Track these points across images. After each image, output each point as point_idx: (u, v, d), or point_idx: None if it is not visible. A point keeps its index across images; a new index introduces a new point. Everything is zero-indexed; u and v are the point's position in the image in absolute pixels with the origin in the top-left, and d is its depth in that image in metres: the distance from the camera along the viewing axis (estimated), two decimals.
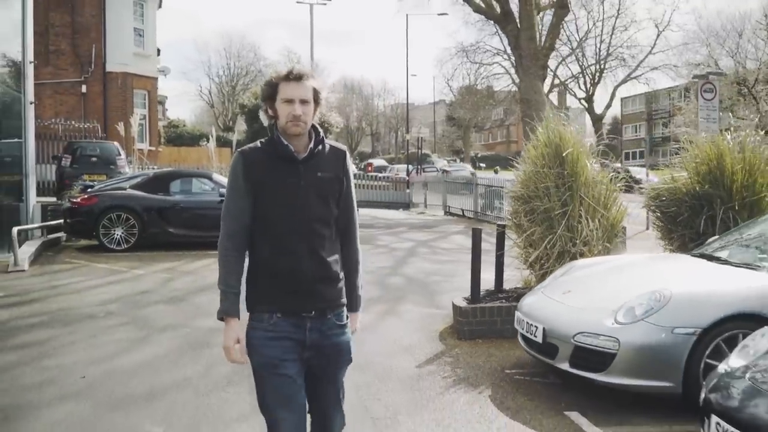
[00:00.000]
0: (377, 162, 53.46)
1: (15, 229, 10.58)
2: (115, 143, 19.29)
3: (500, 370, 5.53)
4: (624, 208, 7.17)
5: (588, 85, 48.09)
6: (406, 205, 26.32)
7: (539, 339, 4.99)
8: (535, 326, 5.06)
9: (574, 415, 4.52)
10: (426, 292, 8.77)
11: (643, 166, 26.58)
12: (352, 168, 2.91)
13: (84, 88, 26.05)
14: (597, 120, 47.31)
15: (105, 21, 26.37)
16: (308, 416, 2.74)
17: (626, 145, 66.96)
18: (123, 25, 26.66)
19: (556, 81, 46.99)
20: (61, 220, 12.69)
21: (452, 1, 25.68)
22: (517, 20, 25.20)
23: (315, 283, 2.67)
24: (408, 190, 28.02)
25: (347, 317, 2.79)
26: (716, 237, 6.14)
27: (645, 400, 4.54)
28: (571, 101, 49.03)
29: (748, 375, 3.38)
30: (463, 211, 20.68)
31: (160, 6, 29.55)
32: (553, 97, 56.38)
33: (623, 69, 47.08)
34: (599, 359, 4.57)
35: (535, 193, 6.98)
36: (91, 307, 7.72)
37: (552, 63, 46.92)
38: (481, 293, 6.91)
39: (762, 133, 8.07)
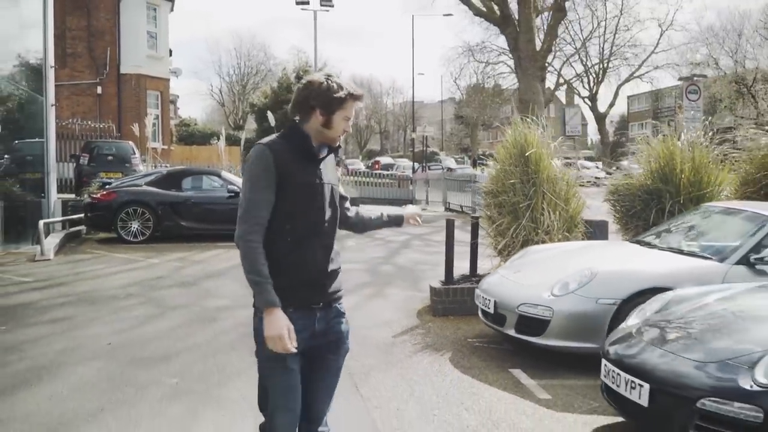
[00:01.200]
0: (384, 160, 54.32)
1: (41, 222, 11.60)
2: (130, 143, 20.32)
3: (463, 339, 6.46)
4: (582, 201, 8.07)
5: (591, 84, 48.82)
6: (410, 202, 27.22)
7: (491, 310, 5.93)
8: (489, 300, 5.99)
9: (516, 372, 5.45)
10: (412, 278, 9.69)
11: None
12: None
13: (99, 90, 27.15)
14: (600, 118, 48.05)
15: (119, 25, 27.45)
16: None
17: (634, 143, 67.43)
18: (136, 29, 27.72)
19: (561, 80, 47.85)
20: (82, 215, 13.70)
21: (456, 1, 26.48)
22: (516, 23, 25.99)
23: (325, 277, 2.82)
24: (411, 188, 28.92)
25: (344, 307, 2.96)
26: (659, 227, 7.04)
27: (574, 359, 5.45)
28: (575, 99, 49.85)
29: (634, 330, 4.29)
30: (461, 207, 21.58)
31: (172, 9, 30.59)
32: (561, 96, 57.31)
33: (627, 68, 47.79)
34: (538, 325, 5.49)
35: (503, 189, 7.91)
36: (112, 290, 8.72)
37: (557, 63, 47.83)
38: (457, 277, 7.84)
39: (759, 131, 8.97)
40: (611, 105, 48.73)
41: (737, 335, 3.82)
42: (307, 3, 23.94)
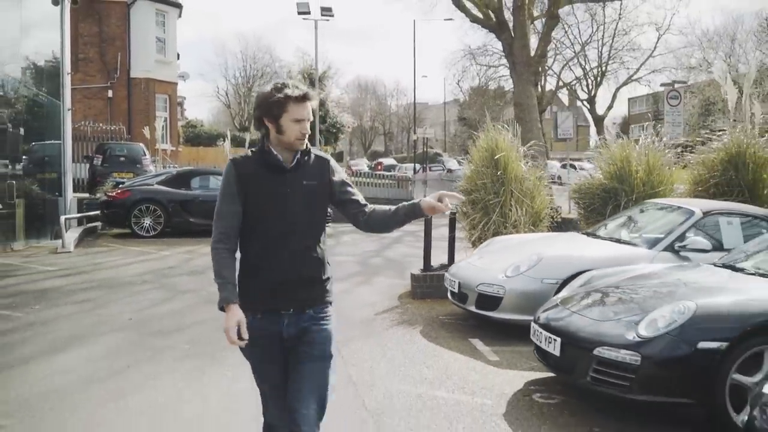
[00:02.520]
0: (387, 161, 55.32)
1: (63, 218, 12.66)
2: (141, 144, 21.38)
3: (435, 317, 7.47)
4: (547, 198, 9.07)
5: (590, 87, 49.74)
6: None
7: (456, 290, 6.94)
8: (455, 281, 7.00)
9: (475, 341, 6.46)
10: (399, 268, 10.69)
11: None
12: (342, 172, 3.07)
13: (110, 93, 28.23)
14: (599, 120, 48.97)
15: (129, 31, 28.52)
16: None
17: None
18: (146, 35, 28.78)
19: (560, 83, 48.84)
20: (98, 212, 14.76)
21: (455, 7, 27.50)
22: (511, 29, 26.94)
23: (297, 285, 2.87)
24: (411, 188, 29.92)
25: (331, 313, 2.98)
26: (608, 220, 8.04)
27: (525, 330, 6.42)
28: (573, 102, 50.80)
29: (559, 300, 5.30)
30: (456, 205, 22.58)
31: (180, 15, 31.65)
32: (564, 98, 58.21)
33: (625, 71, 48.69)
34: (493, 302, 6.50)
35: (475, 187, 8.92)
36: (129, 277, 9.75)
37: (556, 66, 48.81)
38: (436, 266, 8.83)
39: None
40: (609, 107, 49.71)
41: (632, 303, 4.82)
42: (309, 13, 24.94)
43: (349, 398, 4.89)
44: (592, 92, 49.52)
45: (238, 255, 2.93)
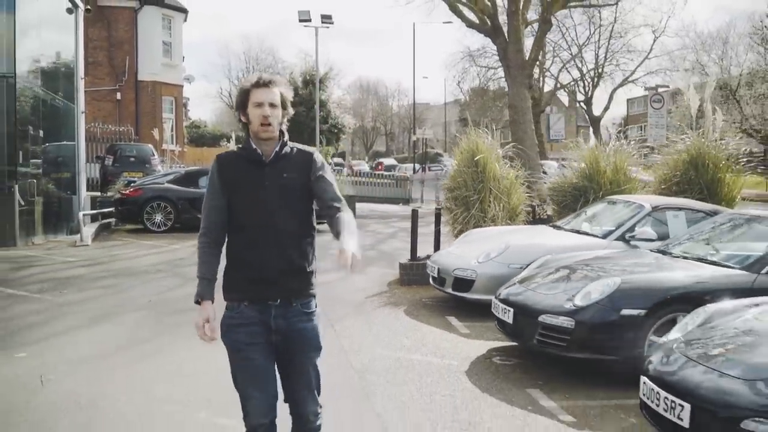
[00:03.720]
0: (387, 161, 56.27)
1: (81, 214, 13.67)
2: (150, 145, 22.39)
3: (419, 300, 8.43)
4: (523, 195, 10.02)
5: (587, 89, 50.67)
6: (406, 200, 29.17)
7: (436, 275, 7.90)
8: (434, 267, 7.97)
9: (451, 318, 7.42)
10: (390, 260, 11.61)
11: None
12: (327, 165, 3.10)
13: (119, 95, 29.25)
14: (595, 121, 49.88)
15: (137, 35, 29.52)
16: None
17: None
18: (153, 39, 29.79)
19: (558, 85, 49.79)
20: (111, 209, 15.76)
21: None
22: (506, 34, 27.87)
23: (279, 275, 2.94)
24: (409, 187, 30.89)
25: (316, 306, 3.08)
26: (574, 214, 9.00)
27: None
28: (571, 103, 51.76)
29: (518, 280, 6.25)
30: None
31: (185, 20, 32.64)
32: (564, 99, 59.15)
33: (621, 73, 49.60)
34: (467, 284, 7.46)
35: (457, 185, 9.88)
36: (144, 267, 10.74)
37: (554, 68, 49.77)
38: (423, 256, 9.78)
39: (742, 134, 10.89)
40: (606, 108, 50.55)
41: (574, 281, 5.76)
42: (309, 20, 25.92)
43: (339, 362, 5.83)
44: (589, 93, 50.46)
45: (224, 247, 3.05)
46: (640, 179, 10.35)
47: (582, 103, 51.23)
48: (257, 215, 2.95)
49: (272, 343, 2.97)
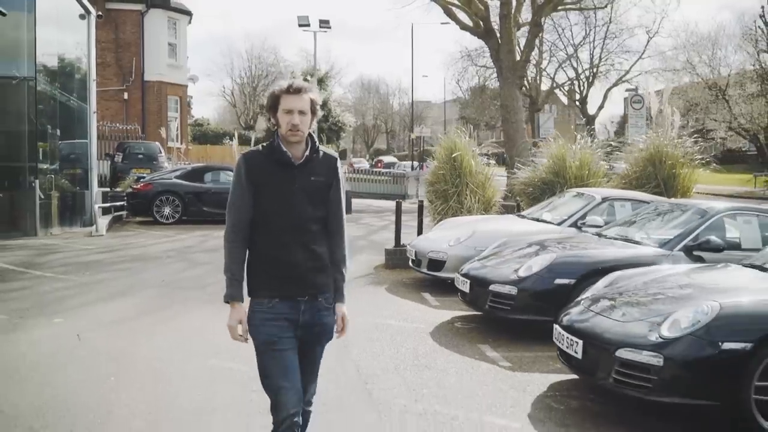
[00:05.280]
0: (387, 159, 57.38)
1: (96, 206, 14.82)
2: (157, 143, 23.55)
3: (399, 280, 9.56)
4: (495, 189, 11.14)
5: (582, 88, 51.78)
6: (403, 197, 30.30)
7: (414, 257, 9.04)
8: (413, 251, 9.11)
9: (425, 294, 8.56)
10: (379, 248, 12.67)
11: None
12: (342, 174, 3.23)
13: (126, 95, 30.39)
14: (590, 120, 50.98)
15: (143, 37, 30.65)
16: None
17: None
18: (158, 41, 30.92)
19: (554, 84, 50.97)
20: (122, 203, 16.93)
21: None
22: (498, 36, 28.95)
23: (307, 272, 3.05)
24: (406, 184, 32.03)
25: (333, 300, 3.18)
26: (538, 205, 10.12)
27: None
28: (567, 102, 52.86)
29: (482, 261, 7.38)
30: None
31: (190, 22, 33.78)
32: (564, 98, 60.22)
33: (616, 72, 50.69)
34: (439, 264, 8.60)
35: (438, 179, 11.01)
36: (156, 253, 11.89)
37: (551, 68, 50.91)
38: (406, 243, 10.90)
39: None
40: (600, 107, 51.64)
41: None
42: (308, 25, 27.05)
43: None
44: (584, 92, 51.57)
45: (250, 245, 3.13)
46: (605, 173, 11.46)
47: (577, 102, 52.35)
48: (287, 216, 3.04)
49: (297, 337, 3.09)
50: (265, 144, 3.17)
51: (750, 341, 4.14)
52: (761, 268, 5.21)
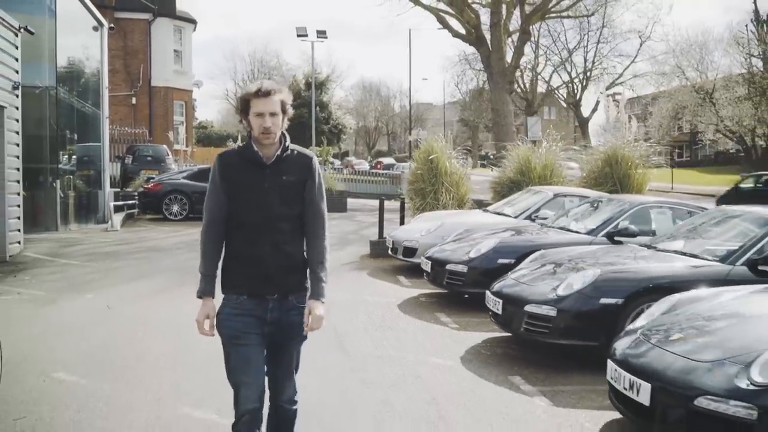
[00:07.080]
0: (387, 160, 58.72)
1: (111, 204, 16.27)
2: (164, 146, 25.00)
3: (380, 267, 10.98)
4: (468, 188, 12.54)
5: (576, 91, 53.23)
6: (398, 196, 31.66)
7: (391, 246, 10.47)
8: (391, 240, 10.53)
9: (401, 277, 9.97)
10: (367, 241, 14.10)
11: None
12: (321, 174, 3.22)
13: (134, 100, 31.88)
14: (584, 123, 52.43)
15: (150, 44, 32.12)
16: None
17: None
18: (165, 48, 32.39)
19: (549, 88, 52.44)
20: (135, 201, 18.39)
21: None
22: (489, 44, 30.38)
23: (276, 271, 3.10)
24: (402, 184, 33.41)
25: (307, 299, 3.17)
26: (502, 201, 11.51)
27: None
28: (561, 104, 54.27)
29: (443, 246, 8.78)
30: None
31: (195, 29, 35.23)
32: (561, 101, 61.69)
33: (609, 76, 52.09)
34: (412, 251, 10.01)
35: (417, 179, 12.43)
36: (167, 246, 13.32)
37: (546, 72, 52.37)
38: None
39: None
40: (594, 110, 53.03)
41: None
42: (306, 36, 28.49)
43: None
44: (578, 96, 53.04)
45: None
46: (566, 174, 12.88)
47: (571, 105, 53.80)
48: (257, 214, 3.08)
49: (265, 335, 3.13)
50: (241, 144, 3.29)
51: (621, 297, 5.55)
52: (649, 247, 6.61)
